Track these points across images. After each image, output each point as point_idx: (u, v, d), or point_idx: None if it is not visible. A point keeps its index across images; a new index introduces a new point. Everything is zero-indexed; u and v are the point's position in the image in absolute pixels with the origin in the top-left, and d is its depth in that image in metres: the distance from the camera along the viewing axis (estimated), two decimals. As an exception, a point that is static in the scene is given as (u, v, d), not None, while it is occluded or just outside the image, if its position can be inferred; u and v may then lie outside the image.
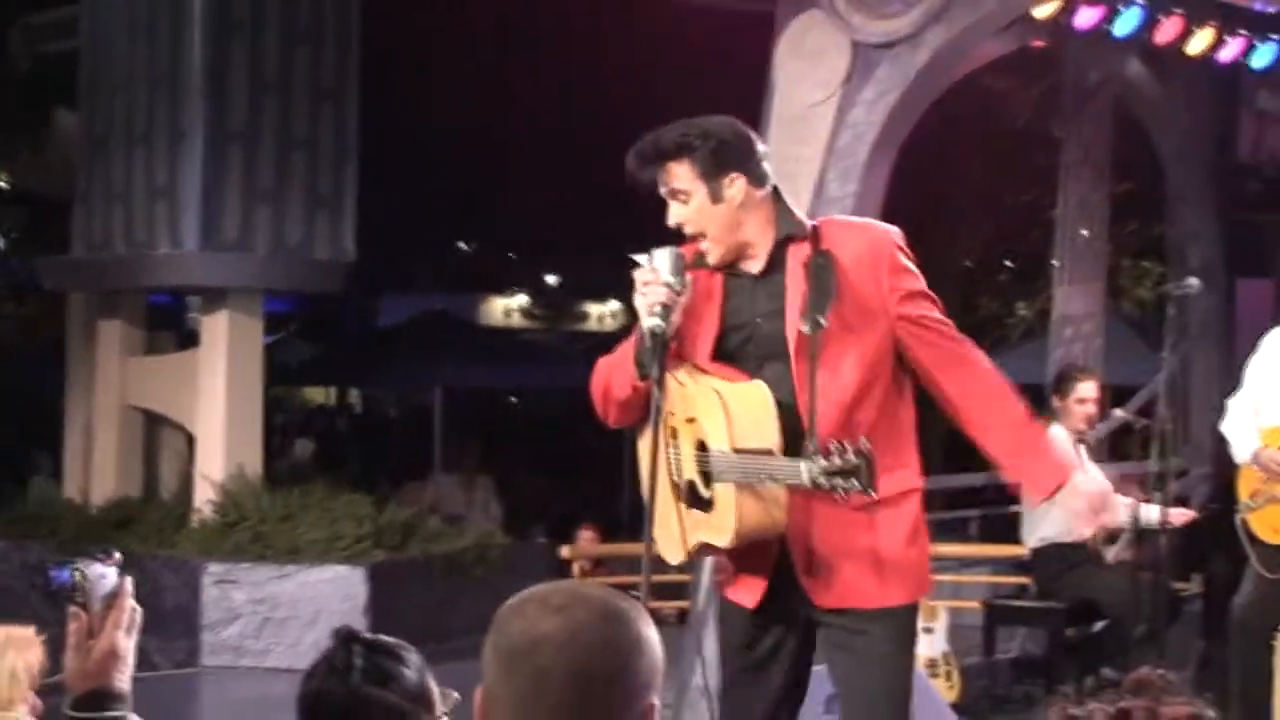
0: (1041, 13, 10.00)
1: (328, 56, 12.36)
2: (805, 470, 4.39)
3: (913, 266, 4.79)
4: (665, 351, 4.61)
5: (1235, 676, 7.78)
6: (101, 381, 12.89)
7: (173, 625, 11.35)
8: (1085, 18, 10.14)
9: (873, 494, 4.36)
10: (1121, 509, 9.12)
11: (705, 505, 4.67)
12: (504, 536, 12.81)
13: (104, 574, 3.02)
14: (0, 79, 16.18)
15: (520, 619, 2.57)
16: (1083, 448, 9.65)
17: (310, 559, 11.32)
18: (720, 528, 4.61)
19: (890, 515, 4.72)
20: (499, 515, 16.48)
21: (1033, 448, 4.88)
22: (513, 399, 29.66)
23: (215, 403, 12.09)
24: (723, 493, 4.60)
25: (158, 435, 13.07)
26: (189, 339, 13.49)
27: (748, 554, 4.71)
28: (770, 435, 4.58)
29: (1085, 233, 12.21)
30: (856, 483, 4.30)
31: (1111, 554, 9.94)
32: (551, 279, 36.38)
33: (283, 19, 12.12)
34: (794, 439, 4.58)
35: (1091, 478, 4.86)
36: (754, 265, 4.78)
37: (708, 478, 4.65)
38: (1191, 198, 12.37)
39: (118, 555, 3.04)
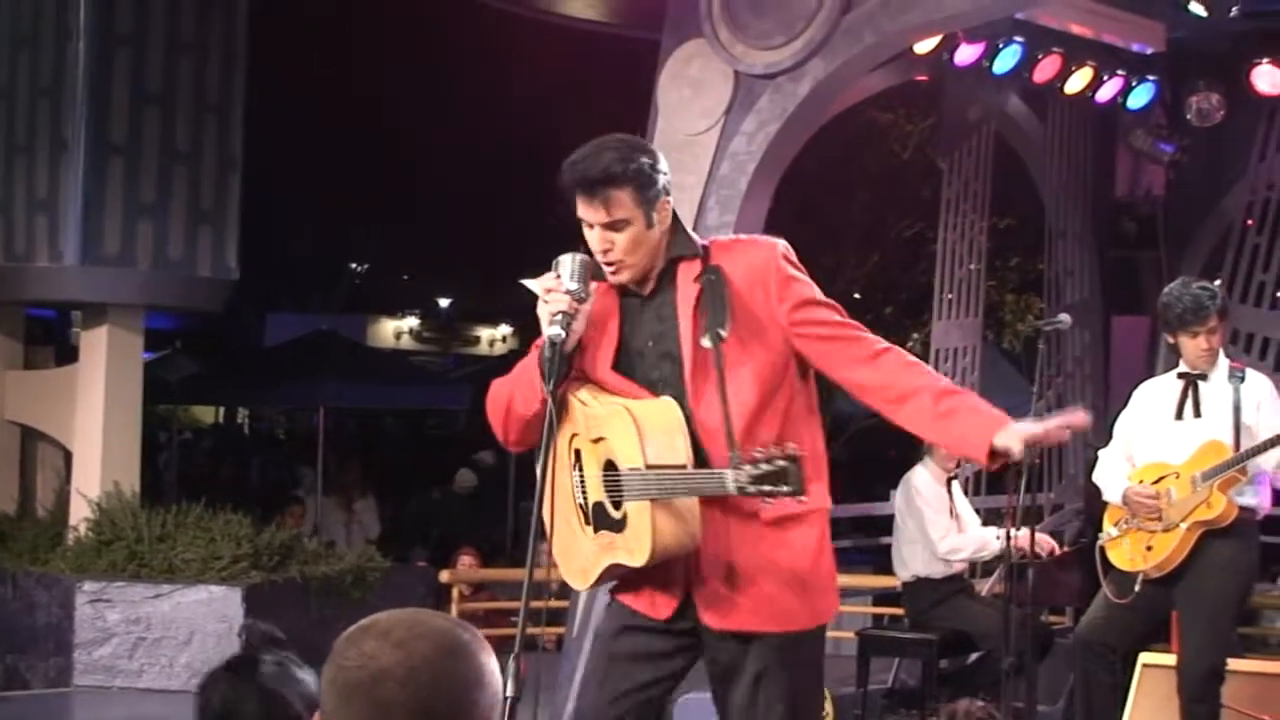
0: (922, 48, 10.12)
1: (212, 69, 12.22)
2: (731, 479, 4.32)
3: (801, 275, 4.69)
4: (564, 362, 4.51)
5: (1079, 696, 7.93)
6: (-22, 395, 12.72)
7: (45, 644, 11.20)
8: (965, 54, 10.26)
9: (803, 498, 4.30)
10: (994, 542, 9.24)
11: (616, 526, 4.59)
12: (383, 559, 12.67)
13: None
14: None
15: (359, 651, 2.57)
16: (954, 484, 9.76)
17: (186, 579, 11.19)
18: (634, 548, 4.54)
19: (800, 533, 4.66)
20: (376, 535, 16.45)
21: (954, 409, 4.54)
22: (388, 419, 29.58)
23: (93, 419, 11.95)
24: (636, 511, 4.52)
25: (35, 450, 12.89)
26: (72, 354, 13.32)
27: (659, 569, 4.62)
28: (682, 452, 4.52)
29: (974, 267, 12.33)
30: (785, 486, 4.23)
31: (985, 587, 10.07)
32: (444, 301, 36.32)
33: (167, 31, 11.98)
34: (696, 457, 4.54)
35: (1023, 426, 4.60)
36: (645, 287, 4.73)
37: (617, 498, 4.58)
38: (1069, 234, 12.50)
39: None
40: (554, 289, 4.55)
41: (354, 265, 35.70)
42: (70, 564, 11.48)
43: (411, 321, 35.21)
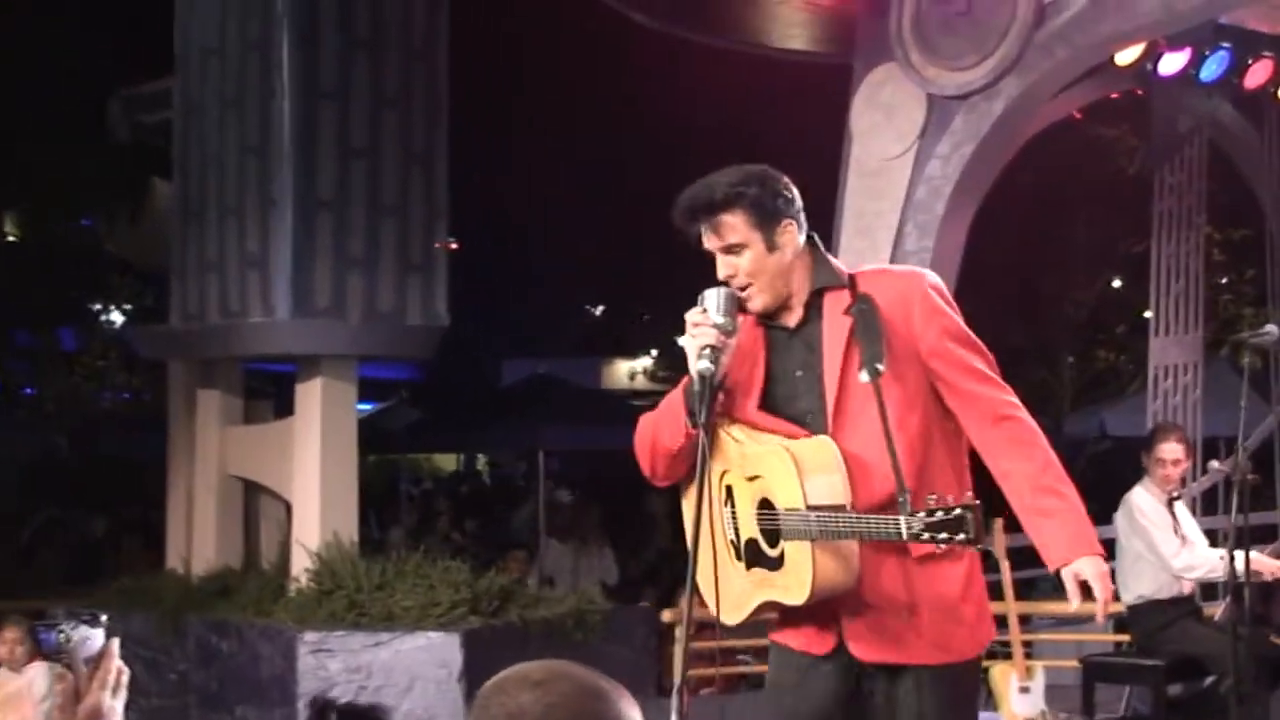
0: (1124, 59, 9.87)
1: (416, 122, 12.29)
2: (904, 524, 4.27)
3: (949, 309, 4.67)
4: (714, 396, 4.49)
5: None
6: (201, 450, 12.90)
7: (270, 694, 11.30)
8: (1170, 64, 9.98)
9: (980, 546, 4.29)
10: (1221, 563, 8.94)
11: (772, 564, 4.56)
12: (605, 601, 12.63)
13: (89, 636, 3.05)
14: (101, 149, 16.40)
15: (500, 694, 2.54)
16: (1177, 504, 9.47)
17: (405, 626, 11.22)
18: (793, 587, 4.51)
19: (948, 566, 4.61)
20: (615, 582, 16.33)
21: (1051, 512, 4.57)
22: (617, 460, 29.70)
23: (310, 471, 12.03)
24: (795, 551, 4.50)
25: (258, 504, 13.08)
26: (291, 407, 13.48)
27: (814, 605, 4.59)
28: (841, 491, 4.48)
29: (1201, 279, 12.03)
30: (962, 534, 4.18)
31: (1217, 611, 9.76)
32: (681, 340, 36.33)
33: (370, 86, 12.07)
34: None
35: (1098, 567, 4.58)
36: (791, 318, 4.72)
37: (771, 536, 4.55)
38: (1291, 243, 12.15)
39: (104, 617, 3.07)
40: (701, 323, 4.54)
41: (589, 307, 35.97)
42: (292, 614, 11.56)
43: (645, 361, 35.39)
